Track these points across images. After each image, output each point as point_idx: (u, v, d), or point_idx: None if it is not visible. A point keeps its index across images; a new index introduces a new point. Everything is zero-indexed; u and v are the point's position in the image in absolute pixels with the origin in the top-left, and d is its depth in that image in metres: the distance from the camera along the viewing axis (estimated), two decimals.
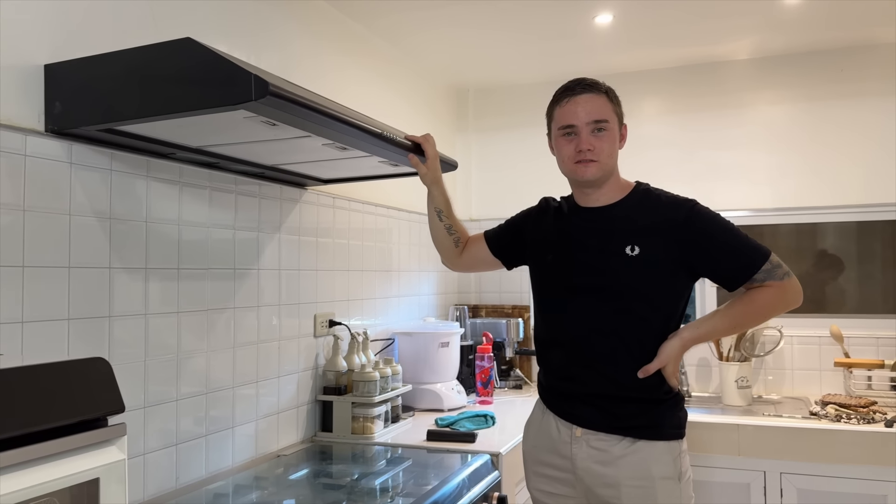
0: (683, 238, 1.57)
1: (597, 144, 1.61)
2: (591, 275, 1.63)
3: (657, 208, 1.62)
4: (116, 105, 1.34)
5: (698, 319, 1.65)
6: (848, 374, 2.79)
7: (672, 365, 1.59)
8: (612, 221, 1.65)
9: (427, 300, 3.18)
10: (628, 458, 1.58)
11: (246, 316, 1.96)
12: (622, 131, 1.69)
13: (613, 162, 1.66)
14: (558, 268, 1.70)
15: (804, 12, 2.57)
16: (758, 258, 1.57)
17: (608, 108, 1.63)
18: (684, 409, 1.69)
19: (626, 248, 1.59)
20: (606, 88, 1.66)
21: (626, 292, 1.60)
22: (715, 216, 1.61)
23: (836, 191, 3.00)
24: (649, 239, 1.58)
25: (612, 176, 1.67)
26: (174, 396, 1.71)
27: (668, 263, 1.58)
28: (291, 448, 2.13)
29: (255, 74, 1.22)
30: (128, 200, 1.58)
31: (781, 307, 1.60)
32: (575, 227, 1.70)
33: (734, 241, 1.59)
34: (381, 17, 2.56)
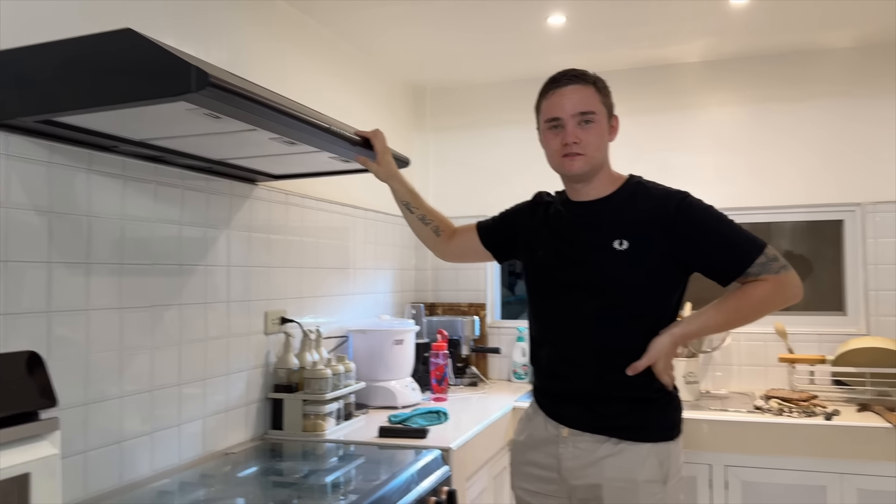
0: (673, 231, 1.53)
1: (583, 137, 1.57)
2: (579, 270, 1.61)
3: (647, 201, 1.59)
4: (54, 96, 1.32)
5: (691, 315, 1.60)
6: (792, 369, 2.87)
7: (663, 362, 1.54)
8: (602, 216, 1.61)
9: (383, 298, 3.18)
10: (612, 460, 1.55)
11: (193, 313, 1.94)
12: (612, 123, 1.65)
13: (602, 155, 1.62)
14: (547, 263, 1.68)
15: (752, 16, 2.64)
16: (752, 251, 1.52)
17: (595, 99, 1.59)
18: (679, 408, 1.64)
19: (613, 242, 1.56)
20: (594, 79, 1.62)
21: (615, 288, 1.57)
22: (707, 208, 1.58)
23: (782, 191, 3.08)
24: (638, 233, 1.55)
25: (601, 169, 1.64)
26: (117, 393, 1.68)
27: (657, 258, 1.54)
28: (240, 446, 2.11)
29: (196, 66, 1.21)
30: (68, 194, 1.55)
31: (778, 302, 1.54)
32: (565, 222, 1.68)
33: (727, 234, 1.54)
34: (338, 14, 2.56)
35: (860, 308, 2.99)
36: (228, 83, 1.27)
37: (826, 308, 3.07)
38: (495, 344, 3.41)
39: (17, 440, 0.98)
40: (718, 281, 1.58)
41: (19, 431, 0.98)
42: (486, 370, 3.38)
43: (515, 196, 1.94)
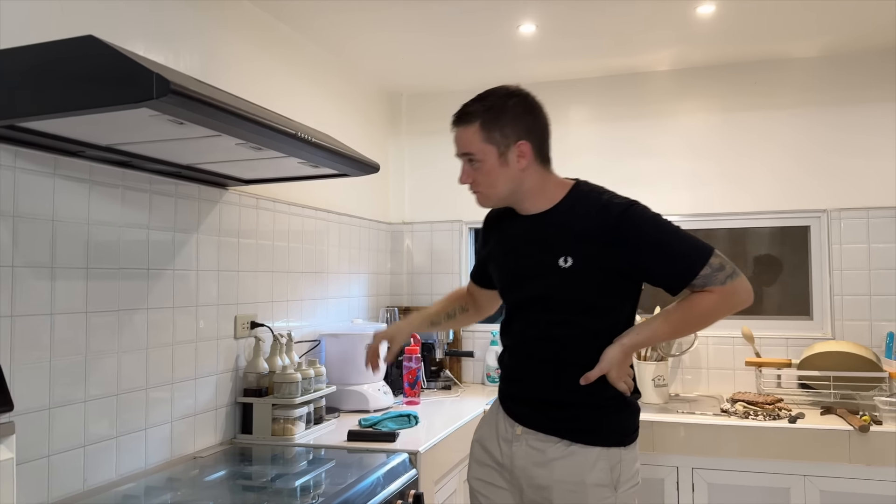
0: (615, 245, 1.52)
1: (474, 176, 1.62)
2: (531, 286, 1.62)
3: (588, 215, 1.57)
4: (16, 101, 1.32)
5: (640, 324, 1.60)
6: (758, 373, 2.92)
7: (615, 371, 1.55)
8: (544, 231, 1.61)
9: (357, 302, 3.20)
10: (562, 461, 1.57)
11: (160, 317, 1.95)
12: (517, 151, 1.59)
13: (504, 187, 1.61)
14: (503, 279, 1.72)
15: (718, 25, 2.69)
16: (696, 263, 1.50)
17: (476, 140, 1.59)
18: (634, 414, 1.66)
19: (559, 259, 1.56)
20: (482, 116, 1.59)
21: (565, 304, 1.58)
22: (650, 219, 1.55)
23: (751, 197, 3.14)
24: (582, 248, 1.54)
25: (525, 191, 1.63)
26: (82, 398, 1.68)
27: (603, 272, 1.54)
28: (209, 450, 2.11)
29: (157, 73, 1.22)
30: (33, 198, 1.56)
31: (724, 311, 1.54)
32: (514, 237, 1.69)
33: (670, 246, 1.52)
34: (311, 20, 2.58)
35: (825, 313, 3.05)
36: (189, 90, 1.28)
37: (793, 313, 3.13)
38: (469, 347, 3.43)
39: None
40: (666, 290, 1.59)
41: None
42: (459, 374, 3.41)
43: None
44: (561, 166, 3.42)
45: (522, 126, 1.59)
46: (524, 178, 1.61)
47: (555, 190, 1.64)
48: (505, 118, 1.58)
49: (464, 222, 3.53)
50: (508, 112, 1.59)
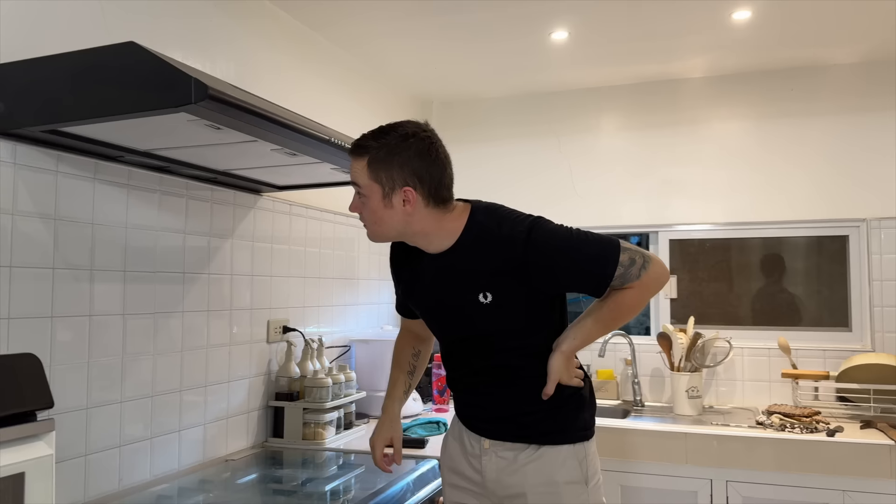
0: (528, 274, 1.51)
1: (360, 210, 1.55)
2: (459, 324, 1.61)
3: (492, 249, 1.54)
4: (60, 106, 1.36)
5: (572, 327, 1.60)
6: (795, 385, 2.86)
7: (565, 375, 1.57)
8: (456, 269, 1.57)
9: (387, 309, 3.20)
10: (533, 465, 1.58)
11: (195, 320, 1.97)
12: (404, 195, 1.50)
13: (387, 227, 1.54)
14: (430, 316, 1.68)
15: (754, 32, 2.66)
16: (607, 268, 1.51)
17: (363, 175, 1.51)
18: (591, 408, 1.67)
19: (478, 296, 1.54)
20: (372, 154, 1.50)
21: (496, 335, 1.59)
22: (553, 238, 1.53)
23: (787, 207, 3.09)
24: (496, 283, 1.53)
25: (417, 236, 1.57)
26: (118, 398, 1.71)
27: (523, 298, 1.55)
28: (240, 453, 2.13)
29: (195, 78, 1.25)
30: (74, 202, 1.59)
31: (647, 298, 1.57)
32: (427, 276, 1.63)
33: (579, 261, 1.53)
34: (345, 29, 2.60)
35: (865, 324, 2.98)
36: (227, 95, 1.30)
37: (831, 324, 3.06)
38: None
39: (13, 440, 1.00)
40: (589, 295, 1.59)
41: (16, 431, 1.01)
42: None
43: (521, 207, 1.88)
44: (592, 176, 3.41)
45: (411, 171, 1.50)
46: (411, 221, 1.54)
47: (452, 225, 1.58)
48: (395, 161, 1.50)
49: None
50: (401, 155, 1.50)
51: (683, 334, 2.99)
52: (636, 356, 3.19)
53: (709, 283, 3.25)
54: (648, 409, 3.07)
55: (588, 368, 3.32)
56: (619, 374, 3.25)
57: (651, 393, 3.19)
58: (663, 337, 3.02)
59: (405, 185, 1.50)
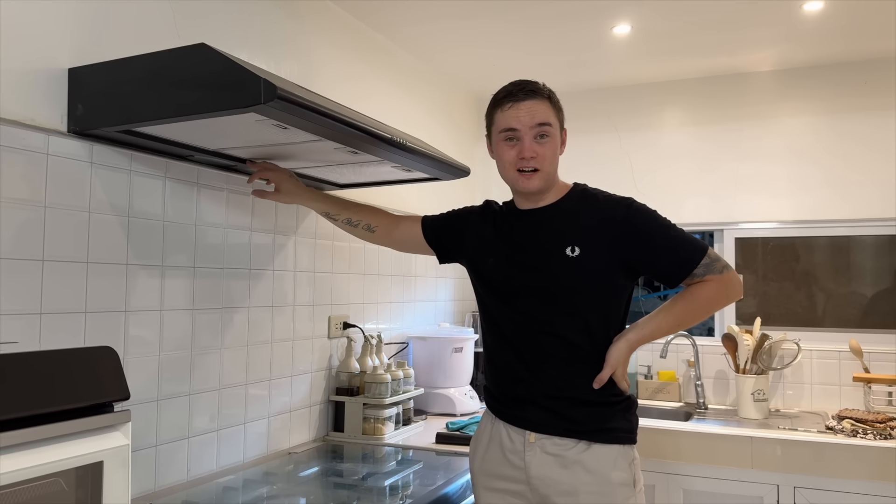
0: (623, 236, 1.57)
1: (539, 151, 1.59)
2: (533, 277, 1.61)
3: (596, 207, 1.62)
4: (134, 107, 1.40)
5: (642, 319, 1.63)
6: (867, 389, 2.75)
7: (621, 368, 1.58)
8: (552, 222, 1.64)
9: (444, 306, 3.21)
10: (585, 463, 1.54)
11: (260, 315, 2.02)
12: (563, 136, 1.67)
13: (555, 168, 1.65)
14: (500, 271, 1.68)
15: (826, 23, 2.56)
16: (696, 253, 1.56)
17: (551, 113, 1.61)
18: (636, 413, 1.65)
19: (566, 249, 1.58)
20: (549, 93, 1.64)
21: (568, 294, 1.58)
22: (652, 213, 1.61)
23: (861, 204, 2.96)
24: (589, 239, 1.58)
25: (554, 183, 1.67)
26: (187, 391, 1.76)
27: (608, 263, 1.57)
28: (303, 446, 2.17)
29: (264, 79, 1.27)
30: (146, 200, 1.64)
31: (723, 301, 1.59)
32: (515, 230, 1.69)
33: (673, 238, 1.58)
34: (403, 28, 2.62)
35: None
36: (295, 95, 1.32)
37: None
38: None
39: (92, 430, 1.04)
40: (666, 283, 1.63)
41: (94, 422, 1.05)
42: None
43: None
44: (654, 172, 3.34)
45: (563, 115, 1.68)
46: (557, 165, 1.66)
47: (560, 187, 1.70)
48: (560, 105, 1.67)
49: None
50: (559, 102, 1.67)
51: (749, 336, 2.91)
52: (699, 357, 3.12)
53: (775, 283, 3.15)
54: (712, 411, 2.99)
55: (649, 370, 3.25)
56: (681, 376, 3.18)
57: (714, 395, 3.11)
58: (728, 338, 2.94)
59: (563, 125, 1.67)
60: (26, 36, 1.39)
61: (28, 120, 1.39)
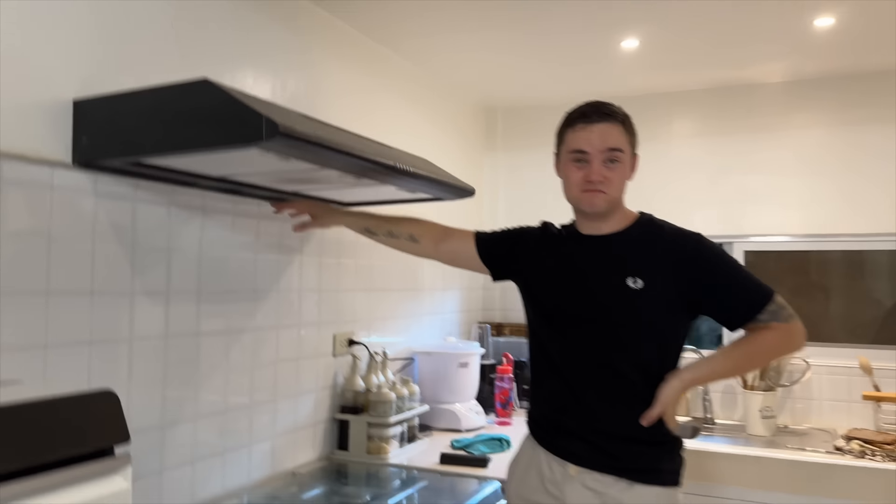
0: (688, 272, 1.53)
1: (608, 175, 1.56)
2: (590, 306, 1.59)
3: (662, 240, 1.58)
4: (139, 140, 1.41)
5: (699, 360, 1.60)
6: (877, 408, 2.72)
7: (671, 407, 1.54)
8: (615, 251, 1.60)
9: (451, 318, 3.21)
10: (625, 503, 1.52)
11: (265, 336, 2.02)
12: (634, 162, 1.64)
13: (622, 193, 1.62)
14: (556, 296, 1.65)
15: (838, 37, 2.53)
16: (763, 298, 1.52)
17: (623, 138, 1.59)
18: (681, 454, 1.62)
19: (627, 279, 1.54)
20: (623, 117, 1.61)
21: (626, 326, 1.55)
22: (721, 252, 1.58)
23: (870, 219, 2.93)
24: (653, 272, 1.54)
25: (618, 206, 1.64)
26: (192, 416, 1.76)
27: (670, 298, 1.53)
28: (307, 466, 2.17)
29: (266, 116, 1.26)
30: (151, 227, 1.65)
31: (785, 350, 1.57)
32: (576, 255, 1.65)
33: (739, 279, 1.54)
34: (409, 41, 2.60)
35: None
36: (296, 132, 1.31)
37: None
38: None
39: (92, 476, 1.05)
40: (728, 325, 1.58)
41: (95, 468, 1.05)
42: None
43: None
44: (663, 183, 3.31)
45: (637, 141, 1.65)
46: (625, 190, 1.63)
47: (626, 214, 1.66)
48: (634, 129, 1.64)
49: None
50: (633, 125, 1.64)
51: None
52: None
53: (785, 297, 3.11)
54: (719, 427, 2.98)
55: None
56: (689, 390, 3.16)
57: (722, 410, 3.09)
58: None
59: (635, 150, 1.64)
60: (32, 68, 1.39)
61: (33, 153, 1.39)
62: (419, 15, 2.36)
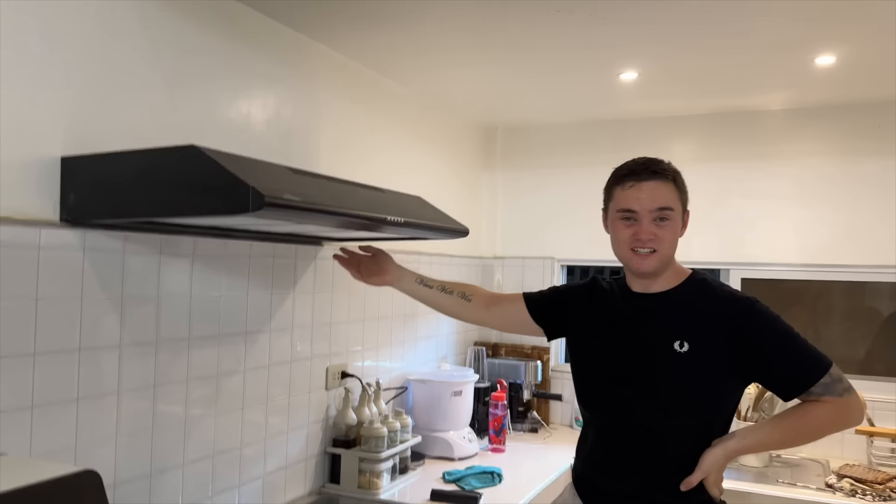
0: (738, 338, 1.48)
1: (658, 234, 1.53)
2: (634, 367, 1.56)
3: (712, 302, 1.54)
4: (126, 202, 1.40)
5: (747, 428, 1.55)
6: (870, 443, 2.72)
7: (714, 475, 1.50)
8: (663, 311, 1.57)
9: (446, 340, 3.21)
10: None
11: (256, 377, 2.02)
12: (685, 219, 1.60)
13: (673, 251, 1.58)
14: (601, 355, 1.63)
15: (839, 74, 2.51)
16: (818, 369, 1.45)
17: (674, 196, 1.54)
18: None
19: (675, 343, 1.51)
20: (674, 175, 1.56)
21: (669, 391, 1.52)
22: (775, 318, 1.51)
23: (868, 250, 2.92)
24: (700, 336, 1.50)
25: (669, 265, 1.60)
26: (180, 462, 1.77)
27: (717, 364, 1.49)
28: (298, 502, 2.18)
29: (253, 186, 1.26)
30: (140, 278, 1.64)
31: (839, 426, 1.48)
32: (623, 314, 1.63)
33: (793, 348, 1.48)
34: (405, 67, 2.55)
35: None
36: (283, 200, 1.31)
37: None
38: (557, 388, 3.37)
39: None
40: (779, 394, 1.52)
41: None
42: (547, 415, 3.36)
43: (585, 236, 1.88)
44: None
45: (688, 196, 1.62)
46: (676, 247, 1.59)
47: (679, 268, 1.62)
48: (684, 185, 1.60)
49: (556, 259, 3.46)
50: (684, 182, 1.60)
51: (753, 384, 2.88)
52: None
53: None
54: None
55: None
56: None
57: None
58: None
59: (686, 207, 1.60)
60: (18, 123, 1.38)
61: (20, 215, 1.38)
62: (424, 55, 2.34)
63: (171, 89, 1.72)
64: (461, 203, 3.33)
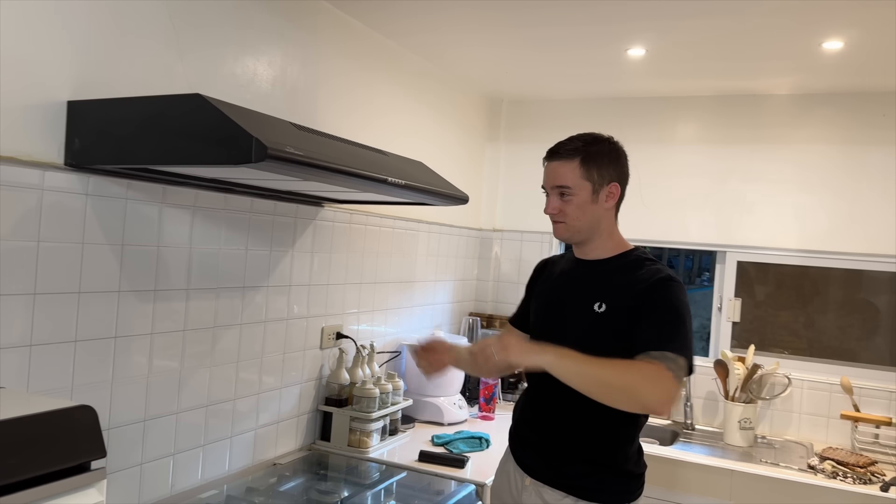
0: (638, 299, 1.57)
1: (562, 208, 1.68)
2: (556, 325, 1.70)
3: (637, 272, 1.63)
4: (130, 149, 1.41)
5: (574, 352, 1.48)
6: (854, 427, 2.76)
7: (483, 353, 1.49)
8: (594, 277, 1.69)
9: (442, 308, 3.24)
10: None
11: (252, 331, 2.05)
12: (610, 189, 1.66)
13: (586, 222, 1.66)
14: (538, 316, 1.79)
15: (846, 59, 2.50)
16: (671, 347, 1.48)
17: (575, 174, 1.64)
18: (640, 475, 1.67)
19: (594, 304, 1.62)
20: (584, 153, 1.64)
21: (584, 347, 1.52)
22: (678, 299, 1.55)
23: (866, 239, 2.93)
24: (617, 298, 1.61)
25: (597, 233, 1.69)
26: (174, 410, 1.80)
27: (625, 324, 1.57)
28: (288, 456, 2.22)
29: (256, 137, 1.27)
30: (141, 226, 1.66)
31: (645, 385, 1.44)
32: (562, 278, 1.77)
33: (669, 324, 1.53)
34: (415, 36, 2.58)
35: None
36: (286, 153, 1.32)
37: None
38: None
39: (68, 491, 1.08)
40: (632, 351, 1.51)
41: (71, 483, 1.08)
42: None
43: None
44: (661, 187, 3.30)
45: (616, 170, 1.68)
46: (604, 217, 1.69)
47: (620, 240, 1.73)
48: (602, 160, 1.66)
49: None
50: (609, 156, 1.68)
51: (741, 364, 2.92)
52: (691, 377, 3.13)
53: (773, 310, 3.14)
54: (699, 433, 3.02)
55: None
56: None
57: (703, 416, 3.13)
58: (720, 365, 2.96)
59: (611, 181, 1.67)
60: (26, 66, 1.39)
61: (25, 156, 1.40)
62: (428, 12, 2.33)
63: (179, 39, 1.72)
64: (463, 172, 3.34)
